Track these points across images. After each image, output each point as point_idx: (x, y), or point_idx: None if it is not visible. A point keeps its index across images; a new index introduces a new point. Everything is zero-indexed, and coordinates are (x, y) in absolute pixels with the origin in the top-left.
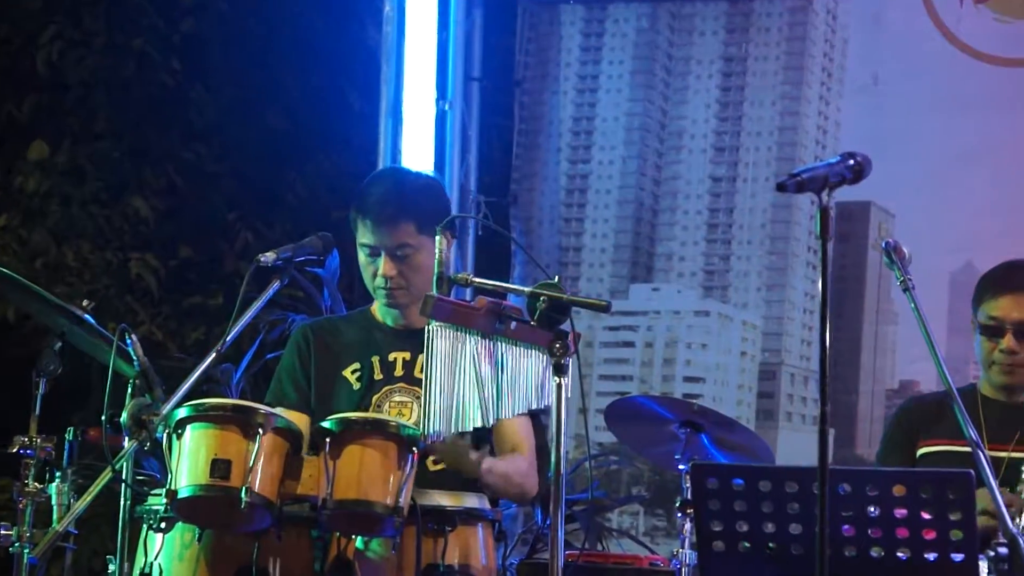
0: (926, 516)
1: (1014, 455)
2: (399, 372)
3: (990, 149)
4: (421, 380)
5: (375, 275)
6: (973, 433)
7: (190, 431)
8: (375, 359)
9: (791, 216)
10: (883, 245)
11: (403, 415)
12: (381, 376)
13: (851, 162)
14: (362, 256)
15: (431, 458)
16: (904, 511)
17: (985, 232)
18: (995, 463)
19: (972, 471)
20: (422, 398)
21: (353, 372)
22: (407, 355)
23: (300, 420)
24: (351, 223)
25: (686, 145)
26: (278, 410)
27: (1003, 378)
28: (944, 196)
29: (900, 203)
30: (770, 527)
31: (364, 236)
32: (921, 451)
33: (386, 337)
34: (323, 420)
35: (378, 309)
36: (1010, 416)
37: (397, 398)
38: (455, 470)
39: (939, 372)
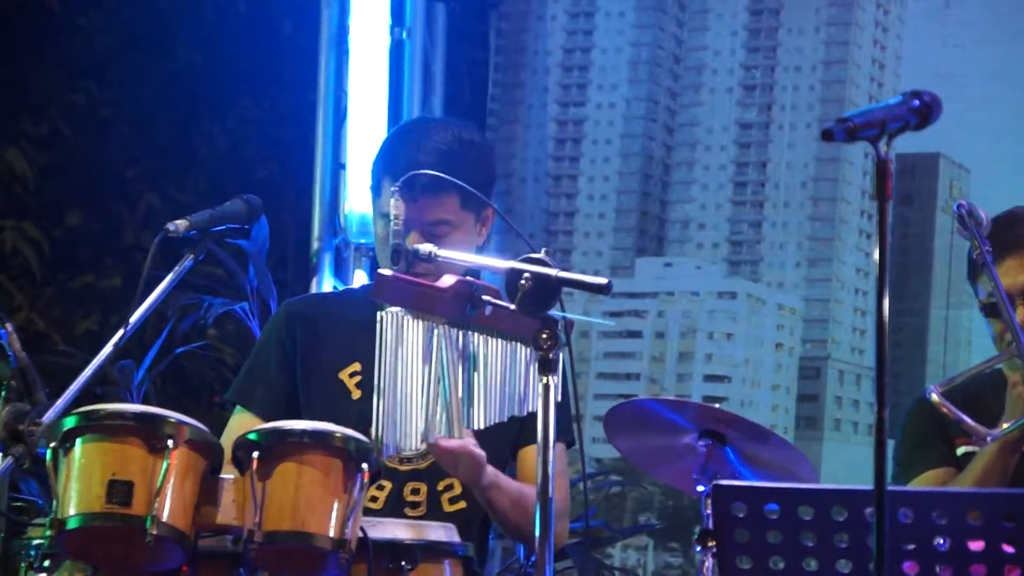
0: (1009, 550)
1: None
2: None
3: None
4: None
5: None
6: None
7: (81, 445)
8: None
9: (839, 172)
10: (955, 208)
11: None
12: None
13: (916, 103)
14: (380, 229)
15: (447, 494)
16: (981, 544)
17: None
18: None
19: None
20: (374, 402)
21: (352, 375)
22: None
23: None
24: (372, 182)
25: (706, 83)
26: (233, 424)
27: None
28: None
29: (977, 156)
30: (813, 565)
31: (386, 205)
32: (962, 450)
33: None
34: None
35: None
36: None
37: None
38: (466, 480)
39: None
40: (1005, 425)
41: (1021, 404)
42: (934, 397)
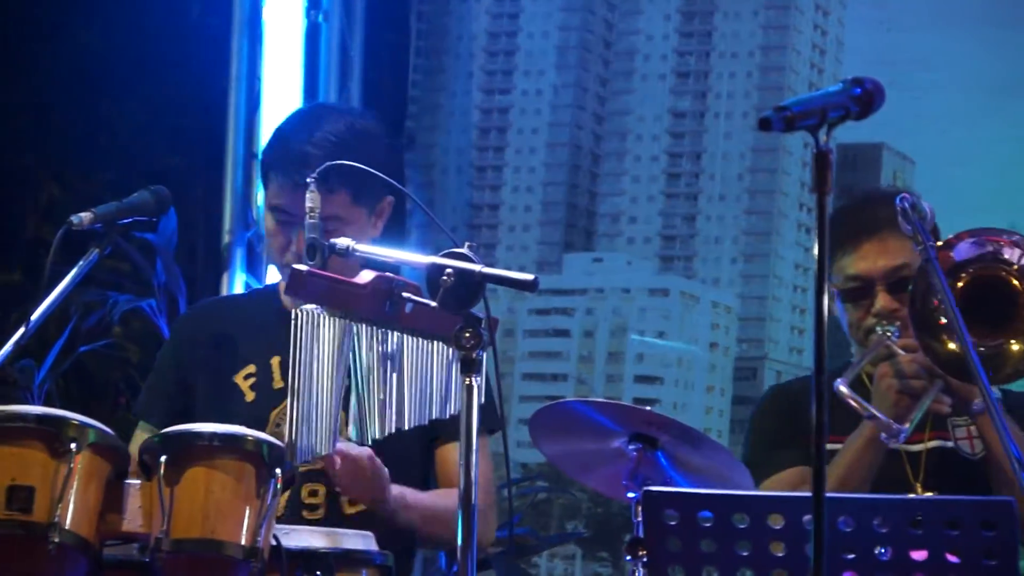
0: (953, 560)
1: (930, 445)
2: None
3: None
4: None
5: (285, 248)
6: (1002, 425)
7: None
8: (275, 360)
9: (777, 163)
10: (898, 201)
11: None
12: (282, 384)
13: (857, 91)
14: (269, 220)
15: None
16: (924, 553)
17: None
18: (904, 458)
19: (1014, 499)
20: (288, 406)
21: (247, 378)
22: None
23: None
24: (261, 175)
25: (638, 69)
26: (136, 439)
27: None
28: (977, 137)
29: (921, 146)
30: (748, 575)
31: (277, 197)
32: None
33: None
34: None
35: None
36: None
37: None
38: (365, 503)
39: (969, 363)
40: (914, 416)
41: (892, 395)
42: (842, 389)
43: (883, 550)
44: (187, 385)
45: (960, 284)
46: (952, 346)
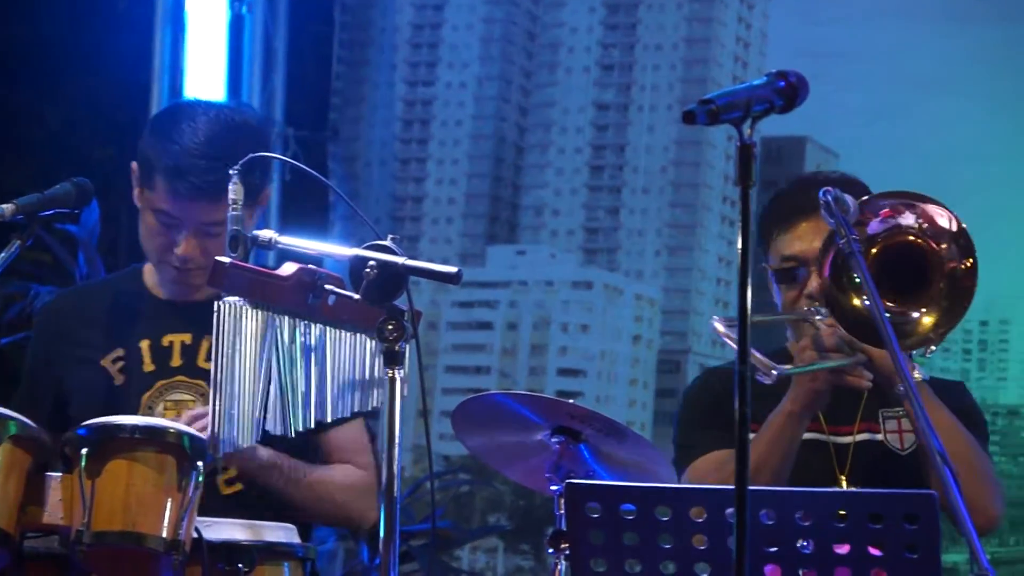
0: (875, 553)
1: (859, 438)
2: (176, 361)
3: (959, 71)
4: (208, 371)
5: (167, 248)
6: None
7: None
8: (144, 344)
9: (701, 156)
10: (821, 195)
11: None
12: (152, 367)
13: (781, 84)
14: (150, 219)
15: (223, 476)
16: (847, 547)
17: (955, 177)
18: (832, 451)
19: (936, 492)
20: (210, 398)
21: (115, 361)
22: (187, 337)
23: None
24: (140, 173)
25: (562, 62)
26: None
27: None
28: (901, 131)
29: (845, 139)
30: (671, 568)
31: (161, 201)
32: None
33: (160, 314)
34: (78, 427)
35: (152, 274)
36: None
37: (175, 396)
38: (250, 478)
39: (892, 356)
40: (789, 367)
41: (808, 376)
42: (718, 327)
43: (805, 543)
44: (57, 378)
45: (874, 253)
46: (856, 302)
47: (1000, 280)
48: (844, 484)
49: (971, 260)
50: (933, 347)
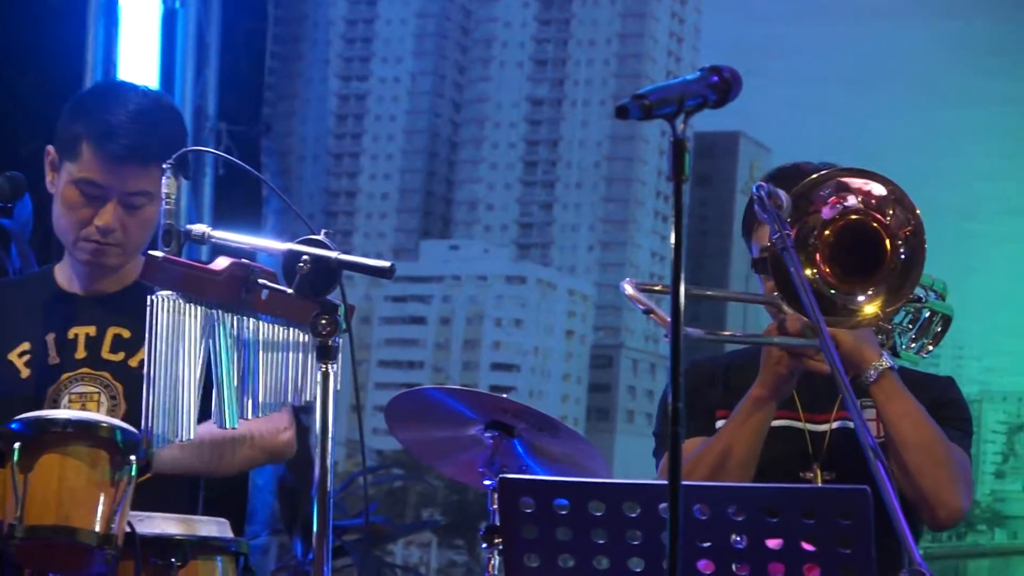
0: (808, 548)
1: (835, 426)
2: (81, 353)
3: (892, 66)
4: (112, 363)
5: (84, 222)
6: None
7: None
8: (50, 337)
9: (634, 151)
10: (754, 190)
11: (89, 411)
12: (57, 360)
13: (714, 79)
14: (71, 193)
15: None
16: (779, 541)
17: (887, 173)
18: (807, 438)
19: (868, 488)
20: (144, 392)
21: (22, 355)
22: (92, 330)
23: None
24: (61, 149)
25: (496, 56)
26: None
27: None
28: (834, 126)
29: (779, 135)
30: (604, 563)
31: (87, 170)
32: (721, 422)
33: (67, 307)
34: (11, 421)
35: (63, 270)
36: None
37: (79, 388)
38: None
39: (825, 353)
40: (758, 340)
41: (774, 352)
42: (628, 290)
43: (739, 538)
44: None
45: (827, 235)
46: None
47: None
48: (818, 471)
49: (915, 219)
50: (932, 348)
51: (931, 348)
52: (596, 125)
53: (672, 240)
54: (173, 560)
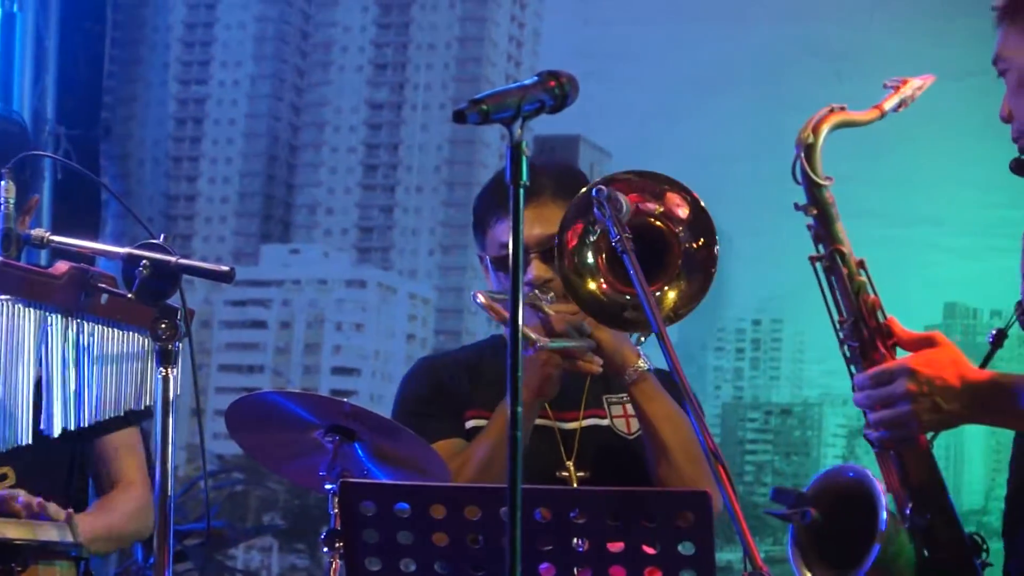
0: (649, 551)
1: (585, 423)
2: None
3: (733, 71)
4: None
5: None
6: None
7: None
8: None
9: (474, 155)
10: (594, 193)
11: None
12: None
13: (552, 84)
14: None
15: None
16: (621, 545)
17: (730, 177)
18: (558, 436)
19: (707, 491)
20: None
21: None
22: None
23: None
24: None
25: (336, 60)
26: None
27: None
28: (676, 130)
29: (618, 139)
30: (446, 567)
31: None
32: (471, 423)
33: None
34: None
35: None
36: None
37: None
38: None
39: (664, 350)
40: (548, 344)
41: (542, 354)
42: (481, 299)
43: (580, 541)
44: None
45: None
46: (592, 286)
47: (774, 279)
48: (572, 469)
49: (702, 239)
50: (644, 337)
51: (643, 339)
52: (436, 129)
53: (509, 243)
54: (13, 565)
